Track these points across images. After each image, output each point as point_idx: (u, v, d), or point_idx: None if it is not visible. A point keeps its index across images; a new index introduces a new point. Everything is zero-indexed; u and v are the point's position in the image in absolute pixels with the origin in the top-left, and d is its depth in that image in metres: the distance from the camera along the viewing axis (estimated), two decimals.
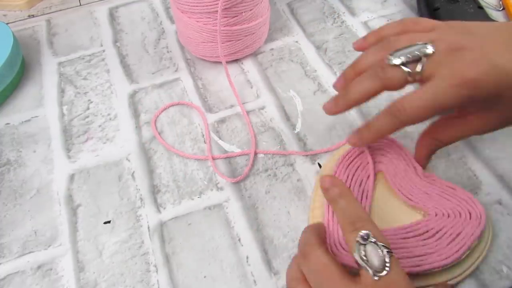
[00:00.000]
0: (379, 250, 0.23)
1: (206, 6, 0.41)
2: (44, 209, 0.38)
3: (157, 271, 0.34)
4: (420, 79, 0.28)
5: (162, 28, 0.53)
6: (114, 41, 0.52)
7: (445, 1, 0.46)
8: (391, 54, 0.29)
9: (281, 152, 0.39)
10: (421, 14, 0.49)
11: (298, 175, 0.38)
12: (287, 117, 0.43)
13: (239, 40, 0.45)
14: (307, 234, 0.28)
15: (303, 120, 0.42)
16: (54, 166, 0.41)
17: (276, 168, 0.39)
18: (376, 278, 0.22)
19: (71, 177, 0.40)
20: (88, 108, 0.45)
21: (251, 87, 0.46)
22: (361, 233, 0.24)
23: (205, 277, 0.33)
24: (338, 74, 0.46)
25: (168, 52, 0.50)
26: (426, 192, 0.33)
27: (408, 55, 0.28)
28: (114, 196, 0.38)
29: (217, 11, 0.41)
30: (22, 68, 0.49)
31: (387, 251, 0.23)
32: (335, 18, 0.52)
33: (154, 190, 0.38)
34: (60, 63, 0.50)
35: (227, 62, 0.48)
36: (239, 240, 0.35)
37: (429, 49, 0.28)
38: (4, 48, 0.46)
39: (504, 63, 0.26)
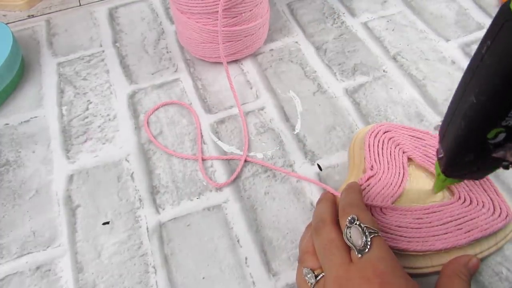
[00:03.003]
0: (361, 232, 0.26)
1: (206, 6, 0.41)
2: (43, 210, 0.38)
3: (156, 272, 0.34)
4: None
5: (162, 28, 0.53)
6: (113, 41, 0.52)
7: None
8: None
9: (266, 164, 0.39)
10: None
11: (298, 176, 0.38)
12: (286, 118, 0.43)
13: (238, 40, 0.45)
14: (322, 208, 0.30)
15: (303, 121, 0.42)
16: (53, 166, 0.41)
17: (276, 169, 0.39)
18: (359, 255, 0.25)
19: (70, 178, 0.40)
20: (87, 109, 0.45)
21: (251, 88, 0.46)
22: (349, 218, 0.27)
23: (204, 278, 0.33)
24: (338, 75, 0.46)
25: (167, 52, 0.50)
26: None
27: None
28: (113, 197, 0.38)
29: (216, 11, 0.41)
30: (22, 69, 0.49)
31: (371, 232, 0.26)
32: (335, 19, 0.52)
33: (153, 191, 0.38)
34: (59, 64, 0.50)
35: (227, 63, 0.48)
36: (238, 241, 0.35)
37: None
38: (3, 48, 0.46)
39: None
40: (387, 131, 0.37)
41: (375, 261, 0.25)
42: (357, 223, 0.27)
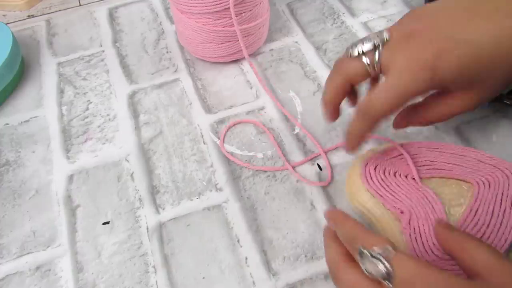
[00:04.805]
0: (375, 261, 0.23)
1: (206, 6, 0.41)
2: (43, 210, 0.38)
3: (155, 272, 0.34)
4: (380, 69, 0.28)
5: (162, 28, 0.53)
6: (113, 41, 0.52)
7: None
8: (350, 47, 0.29)
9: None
10: None
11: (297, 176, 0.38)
12: (286, 118, 0.43)
13: (238, 40, 0.45)
14: (329, 253, 0.27)
15: (303, 121, 0.42)
16: (53, 166, 0.41)
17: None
18: (391, 285, 0.22)
19: (70, 178, 0.40)
20: (87, 109, 0.45)
21: (251, 88, 0.46)
22: (358, 251, 0.24)
23: (204, 278, 0.33)
24: None
25: (167, 52, 0.50)
26: (461, 165, 0.33)
27: (364, 43, 0.28)
28: (113, 196, 0.38)
29: (216, 11, 0.41)
30: (22, 69, 0.49)
31: (384, 256, 0.23)
32: (335, 19, 0.52)
33: (153, 191, 0.38)
34: (59, 64, 0.50)
35: (227, 63, 0.48)
36: (238, 241, 0.35)
37: (385, 35, 0.27)
38: (3, 48, 0.46)
39: (464, 35, 0.25)
40: (376, 165, 0.35)
41: (408, 282, 0.22)
42: (365, 253, 0.24)
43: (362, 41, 0.28)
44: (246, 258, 0.34)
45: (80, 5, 0.58)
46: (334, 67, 0.30)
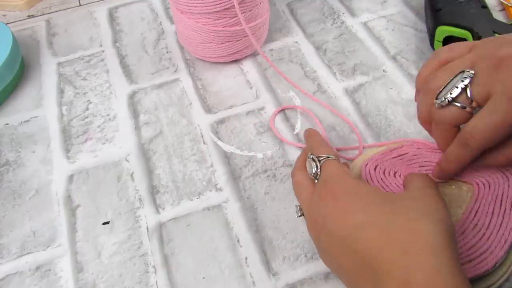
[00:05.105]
0: (313, 162, 0.30)
1: (206, 6, 0.41)
2: (43, 210, 0.38)
3: (155, 272, 0.34)
4: (478, 104, 0.27)
5: (162, 28, 0.53)
6: (113, 41, 0.52)
7: (448, 1, 0.46)
8: (436, 98, 0.28)
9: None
10: (426, 16, 0.49)
11: None
12: (286, 118, 0.43)
13: (238, 40, 0.45)
14: (296, 163, 0.33)
15: (303, 121, 0.42)
16: (53, 166, 0.41)
17: (276, 169, 0.39)
18: (316, 181, 0.29)
19: (70, 178, 0.40)
20: (87, 109, 0.45)
21: (251, 88, 0.46)
22: (308, 156, 0.31)
23: (204, 278, 0.33)
24: (337, 74, 0.46)
25: (167, 52, 0.50)
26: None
27: (451, 92, 0.27)
28: (113, 196, 0.38)
29: (216, 11, 0.41)
30: (22, 69, 0.49)
31: (320, 159, 0.29)
32: (335, 19, 0.52)
33: (153, 191, 0.38)
34: (59, 64, 0.50)
35: (227, 63, 0.48)
36: (238, 241, 0.35)
37: (468, 75, 0.27)
38: (3, 48, 0.46)
39: None
40: (376, 165, 0.35)
41: (326, 179, 0.28)
42: (309, 157, 0.30)
43: (446, 89, 0.28)
44: (246, 258, 0.34)
45: (80, 5, 0.58)
46: (436, 124, 0.29)
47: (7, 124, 0.45)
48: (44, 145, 0.42)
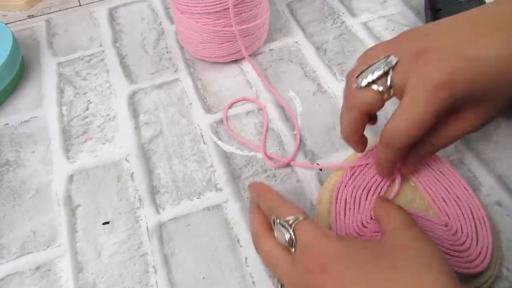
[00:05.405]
0: (282, 229, 0.26)
1: (206, 6, 0.41)
2: (43, 210, 0.38)
3: (155, 272, 0.34)
4: (395, 93, 0.27)
5: (162, 28, 0.53)
6: (113, 41, 0.52)
7: (448, 1, 0.45)
8: (356, 77, 0.28)
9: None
10: (426, 15, 0.49)
11: (297, 176, 0.38)
12: (286, 118, 0.43)
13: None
14: (251, 221, 0.29)
15: (303, 121, 0.42)
16: (53, 166, 0.41)
17: (275, 169, 0.39)
18: (293, 250, 0.25)
19: (70, 178, 0.40)
20: (87, 109, 0.45)
21: (251, 88, 0.46)
22: (272, 221, 0.27)
23: (204, 278, 0.33)
24: (337, 74, 0.46)
25: (167, 52, 0.50)
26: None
27: (372, 72, 0.27)
28: (113, 196, 0.38)
29: (216, 11, 0.41)
30: (22, 69, 0.49)
31: (291, 223, 0.25)
32: (335, 19, 0.52)
33: (153, 191, 0.38)
34: (59, 64, 0.50)
35: (227, 63, 0.48)
36: (238, 241, 0.35)
37: (392, 59, 0.27)
38: (3, 48, 0.46)
39: (473, 53, 0.25)
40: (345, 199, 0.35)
41: (306, 247, 0.24)
42: (277, 222, 0.26)
43: (368, 70, 0.27)
44: (246, 258, 0.34)
45: (80, 5, 0.58)
46: (345, 101, 0.29)
47: (7, 124, 0.45)
48: (44, 145, 0.42)
